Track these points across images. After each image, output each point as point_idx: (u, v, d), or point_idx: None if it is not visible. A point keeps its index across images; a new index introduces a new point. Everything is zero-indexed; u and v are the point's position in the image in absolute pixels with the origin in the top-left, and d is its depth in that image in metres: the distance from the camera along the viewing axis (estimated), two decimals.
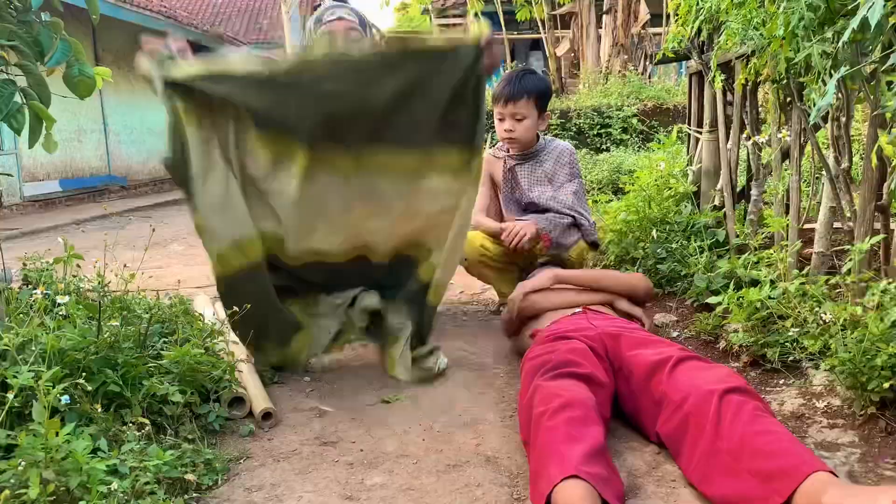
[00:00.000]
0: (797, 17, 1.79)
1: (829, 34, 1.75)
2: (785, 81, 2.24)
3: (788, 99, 2.32)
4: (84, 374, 1.53)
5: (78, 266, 2.21)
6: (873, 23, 1.47)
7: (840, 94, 1.94)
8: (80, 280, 2.13)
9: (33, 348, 1.51)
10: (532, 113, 2.71)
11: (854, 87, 1.90)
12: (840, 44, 1.69)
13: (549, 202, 2.72)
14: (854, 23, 1.50)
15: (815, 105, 1.75)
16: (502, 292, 2.86)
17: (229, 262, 1.95)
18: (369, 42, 2.31)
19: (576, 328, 1.90)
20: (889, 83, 1.74)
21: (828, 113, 2.03)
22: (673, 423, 1.51)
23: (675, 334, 2.47)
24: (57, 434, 1.28)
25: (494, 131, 2.82)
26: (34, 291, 1.76)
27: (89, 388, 1.50)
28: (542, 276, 2.24)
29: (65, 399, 1.39)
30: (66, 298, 1.75)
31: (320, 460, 1.63)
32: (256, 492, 1.48)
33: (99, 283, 1.78)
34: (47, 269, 2.10)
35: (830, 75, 1.73)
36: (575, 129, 8.00)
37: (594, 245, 2.81)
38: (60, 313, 1.75)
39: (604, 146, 7.88)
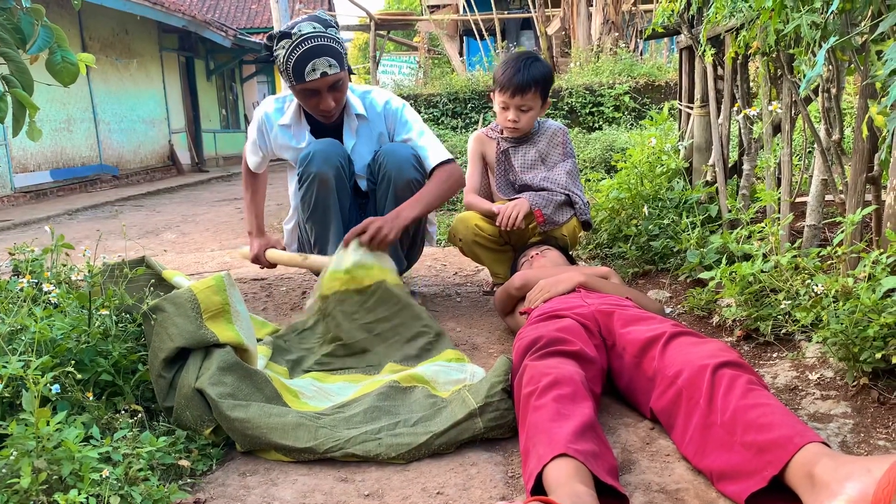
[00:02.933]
0: None
1: (817, 4, 1.74)
2: (775, 54, 2.22)
3: (779, 71, 2.31)
4: (75, 363, 1.52)
5: (67, 255, 2.20)
6: None
7: (830, 66, 1.93)
8: (71, 269, 2.12)
9: (23, 338, 1.50)
10: (537, 104, 2.70)
11: (844, 57, 1.89)
12: (829, 14, 1.68)
13: (543, 182, 2.71)
14: None
15: (805, 77, 1.74)
16: (496, 273, 2.87)
17: None
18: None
19: (568, 306, 1.90)
20: (878, 52, 1.73)
21: (818, 85, 2.02)
22: (666, 398, 1.51)
23: (668, 310, 2.47)
24: (48, 423, 1.28)
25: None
26: (21, 280, 1.74)
27: (80, 377, 1.49)
28: (565, 280, 2.14)
29: (55, 388, 1.38)
30: (53, 287, 1.73)
31: None
32: (251, 476, 1.48)
33: (89, 272, 1.77)
34: (36, 259, 2.09)
35: (820, 46, 1.72)
36: (567, 108, 7.97)
37: (587, 225, 2.81)
38: (51, 302, 1.74)
39: (596, 125, 7.86)
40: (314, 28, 2.37)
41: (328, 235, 2.57)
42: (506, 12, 15.06)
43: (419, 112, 7.95)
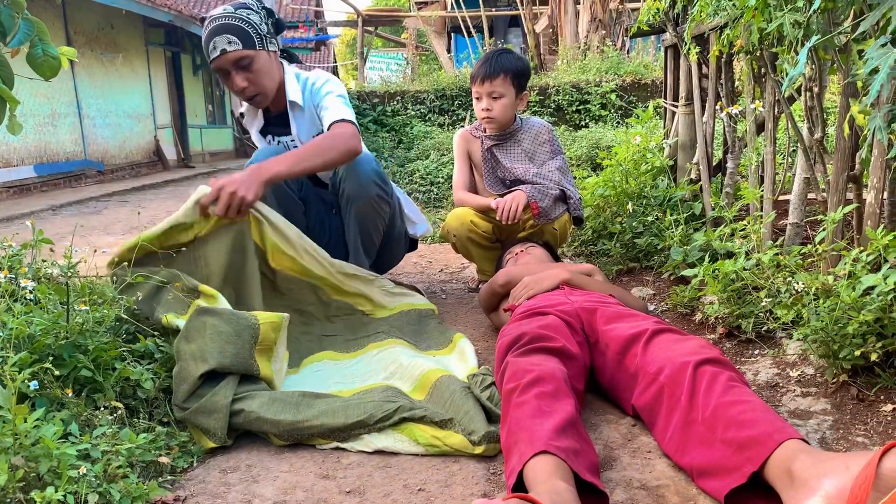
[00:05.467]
0: None
1: (800, 3, 1.75)
2: (758, 52, 2.23)
3: (762, 70, 2.32)
4: (53, 358, 1.51)
5: (52, 250, 2.17)
6: None
7: (812, 65, 1.94)
8: (52, 264, 2.10)
9: (0, 334, 1.49)
10: (509, 91, 2.70)
11: (827, 57, 1.90)
12: (811, 13, 1.69)
13: (535, 178, 2.71)
14: None
15: (787, 76, 1.75)
16: (483, 270, 2.86)
17: None
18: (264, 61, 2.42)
19: (552, 303, 1.90)
20: (860, 52, 1.74)
21: (802, 84, 2.03)
22: (648, 395, 1.51)
23: (651, 307, 2.48)
24: (26, 420, 1.27)
25: (473, 110, 2.82)
26: None
27: (58, 373, 1.48)
28: (549, 277, 2.14)
29: (33, 384, 1.37)
30: (31, 283, 1.72)
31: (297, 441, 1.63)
32: (232, 473, 1.47)
33: (68, 266, 1.75)
34: (17, 255, 2.06)
35: (802, 45, 1.73)
36: (554, 106, 7.97)
37: (578, 221, 2.81)
38: (29, 298, 1.72)
39: (583, 122, 7.87)
40: (224, 10, 2.40)
41: None
42: (493, 9, 15.05)
43: (406, 109, 7.95)
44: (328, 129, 2.40)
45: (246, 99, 2.50)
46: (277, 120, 2.65)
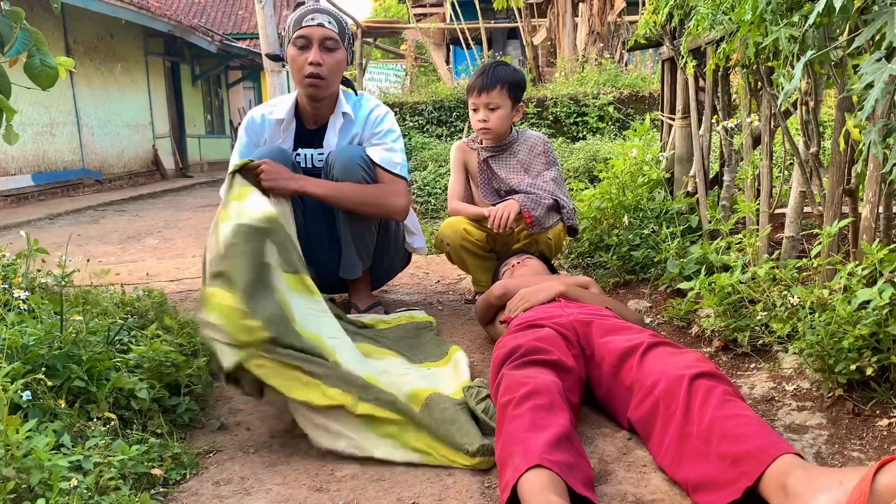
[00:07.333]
0: (765, 0, 1.79)
1: (796, 18, 1.76)
2: (754, 66, 2.24)
3: (758, 84, 2.32)
4: (46, 369, 1.50)
5: (43, 261, 2.16)
6: (838, 6, 1.47)
7: (808, 79, 1.95)
8: (47, 274, 2.10)
9: None
10: (505, 103, 2.71)
11: (822, 71, 1.90)
12: (807, 27, 1.70)
13: (529, 188, 2.72)
14: (819, 6, 1.51)
15: (783, 90, 1.75)
16: (479, 281, 2.86)
17: None
18: (344, 57, 2.55)
19: (548, 316, 1.90)
20: (855, 66, 1.75)
21: (798, 98, 2.03)
22: (643, 408, 1.51)
23: (648, 320, 2.48)
24: (18, 430, 1.26)
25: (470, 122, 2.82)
26: None
27: (51, 384, 1.47)
28: (545, 290, 2.14)
29: (26, 395, 1.37)
30: (25, 292, 1.71)
31: (291, 452, 1.62)
32: (225, 485, 1.47)
33: (61, 276, 1.75)
34: (11, 264, 2.06)
35: (798, 59, 1.74)
36: (552, 118, 7.98)
37: (572, 230, 2.81)
38: (23, 308, 1.72)
39: (580, 134, 7.88)
40: (329, 8, 2.56)
41: None
42: (492, 21, 15.10)
43: (404, 120, 7.96)
44: (382, 175, 2.55)
45: (309, 76, 2.51)
46: (313, 134, 2.67)
